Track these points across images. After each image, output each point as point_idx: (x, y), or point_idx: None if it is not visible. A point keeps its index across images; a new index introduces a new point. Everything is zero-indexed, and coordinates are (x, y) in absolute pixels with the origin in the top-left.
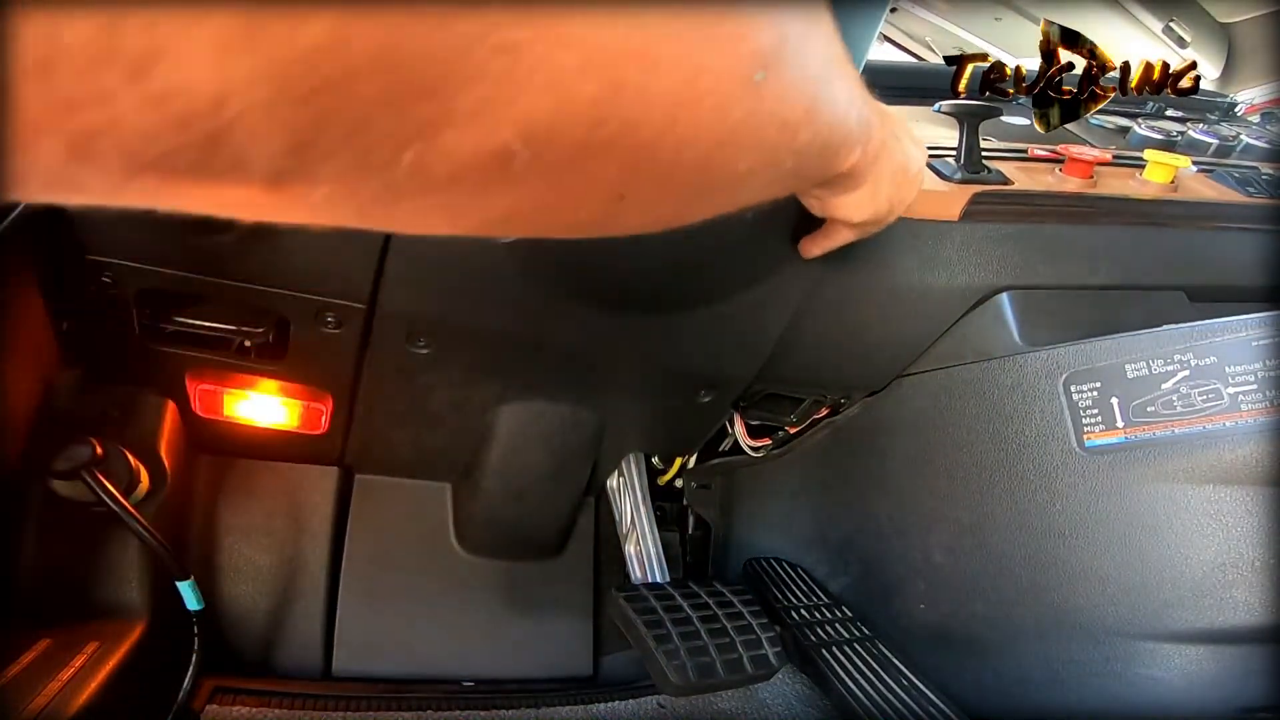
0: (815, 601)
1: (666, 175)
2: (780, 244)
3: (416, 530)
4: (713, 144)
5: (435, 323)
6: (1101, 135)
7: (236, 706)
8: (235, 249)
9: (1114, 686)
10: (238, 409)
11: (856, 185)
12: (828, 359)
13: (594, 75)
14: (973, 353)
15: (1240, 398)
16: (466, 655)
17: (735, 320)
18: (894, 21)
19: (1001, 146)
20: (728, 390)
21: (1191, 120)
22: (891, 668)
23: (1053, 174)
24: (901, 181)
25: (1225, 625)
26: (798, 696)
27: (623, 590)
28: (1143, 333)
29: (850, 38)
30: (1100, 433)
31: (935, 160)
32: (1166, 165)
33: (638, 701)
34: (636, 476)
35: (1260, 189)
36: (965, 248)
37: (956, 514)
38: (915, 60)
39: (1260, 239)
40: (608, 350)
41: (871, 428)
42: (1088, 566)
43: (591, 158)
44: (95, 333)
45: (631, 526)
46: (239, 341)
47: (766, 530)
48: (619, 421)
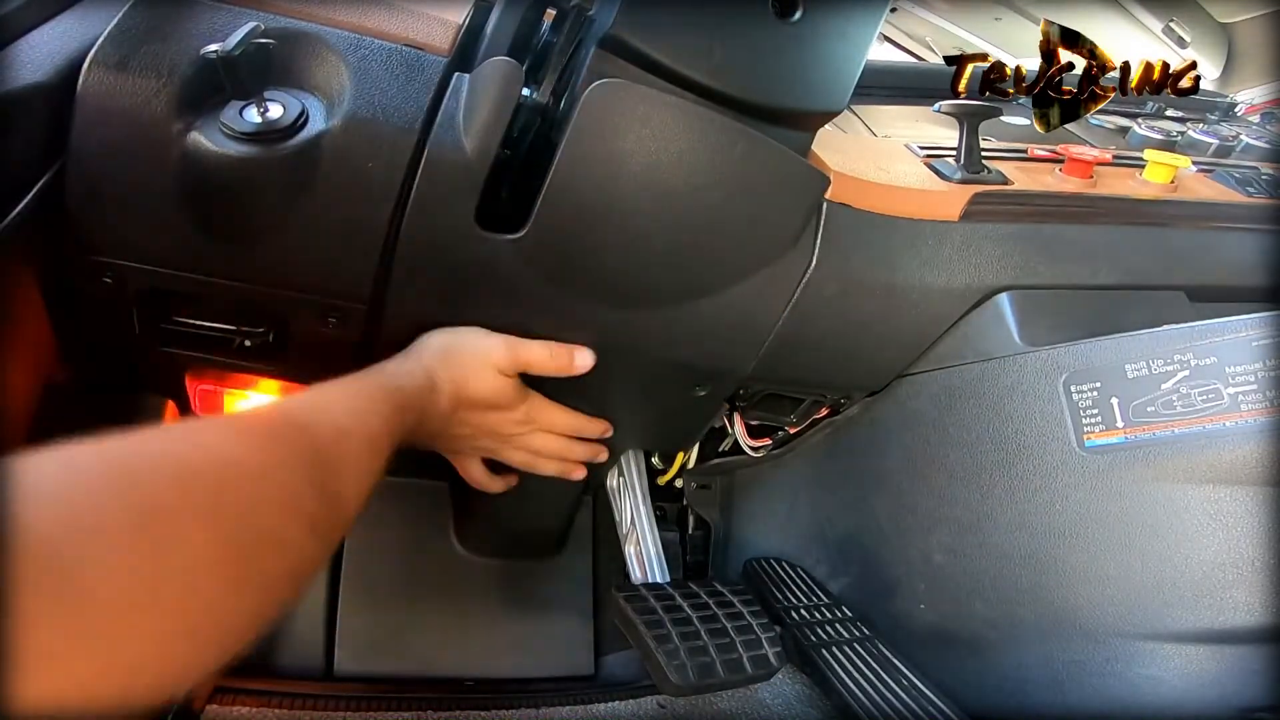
0: (815, 601)
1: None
2: (774, 233)
3: (416, 530)
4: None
5: (437, 322)
6: (1101, 135)
7: (237, 706)
8: (235, 249)
9: (1114, 686)
10: (238, 409)
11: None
12: (827, 358)
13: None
14: (973, 353)
15: (1240, 398)
16: (466, 655)
17: (732, 311)
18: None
19: (1001, 146)
20: (724, 383)
21: (1191, 120)
22: (891, 668)
23: (1053, 174)
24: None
25: (1225, 625)
26: (798, 696)
27: (623, 590)
28: (1143, 333)
29: (850, 38)
30: (1100, 433)
31: (935, 160)
32: (1166, 165)
33: (638, 701)
34: (636, 476)
35: (1260, 189)
36: (965, 248)
37: (956, 514)
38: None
39: (1260, 239)
40: (606, 345)
41: (871, 428)
42: (1088, 566)
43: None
44: (95, 333)
45: (631, 526)
46: (239, 341)
47: (766, 530)
48: (616, 417)
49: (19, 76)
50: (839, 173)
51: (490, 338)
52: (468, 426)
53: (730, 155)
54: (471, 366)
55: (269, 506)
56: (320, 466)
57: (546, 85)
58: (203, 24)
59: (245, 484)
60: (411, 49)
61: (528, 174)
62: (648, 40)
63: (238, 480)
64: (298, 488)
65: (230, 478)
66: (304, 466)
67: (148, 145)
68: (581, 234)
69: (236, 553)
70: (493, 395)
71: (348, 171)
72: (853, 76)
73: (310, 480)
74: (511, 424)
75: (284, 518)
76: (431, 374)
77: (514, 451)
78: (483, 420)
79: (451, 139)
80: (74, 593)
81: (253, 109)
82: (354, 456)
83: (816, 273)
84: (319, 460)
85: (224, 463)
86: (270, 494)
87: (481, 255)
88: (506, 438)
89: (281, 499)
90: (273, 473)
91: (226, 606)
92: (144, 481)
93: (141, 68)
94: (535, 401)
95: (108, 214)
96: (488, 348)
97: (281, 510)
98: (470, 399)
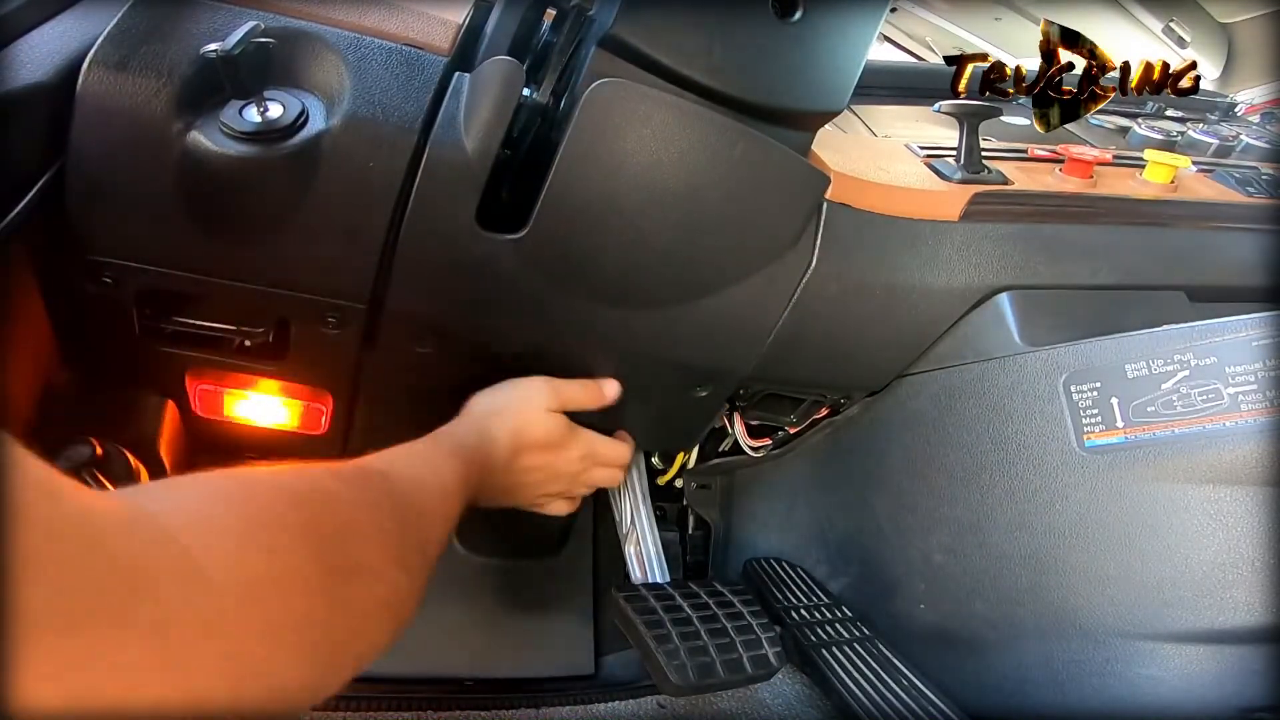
0: (815, 601)
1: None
2: (774, 232)
3: None
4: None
5: (438, 322)
6: (1101, 135)
7: None
8: (235, 249)
9: (1114, 686)
10: (238, 409)
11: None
12: (828, 359)
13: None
14: (973, 353)
15: (1240, 398)
16: (466, 655)
17: (733, 311)
18: (894, 21)
19: (1001, 146)
20: (724, 384)
21: (1191, 120)
22: (891, 668)
23: (1053, 174)
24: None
25: (1225, 625)
26: (798, 696)
27: (622, 590)
28: (1143, 333)
29: (850, 38)
30: (1100, 433)
31: (935, 160)
32: (1166, 165)
33: (638, 702)
34: (636, 476)
35: (1260, 189)
36: (965, 248)
37: (956, 514)
38: (915, 60)
39: (1260, 239)
40: (608, 346)
41: (871, 428)
42: (1088, 566)
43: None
44: (95, 333)
45: (631, 526)
46: (239, 341)
47: (766, 530)
48: (618, 418)
49: (19, 76)
50: (839, 173)
51: (531, 382)
52: (533, 473)
53: (730, 155)
54: (521, 412)
55: (361, 537)
56: (403, 508)
57: (547, 85)
58: (202, 23)
59: (342, 511)
60: (412, 48)
61: (528, 174)
62: (648, 40)
63: (335, 508)
64: (386, 524)
65: (328, 506)
66: (390, 507)
67: (148, 145)
68: (582, 234)
69: (332, 573)
70: (546, 435)
71: (348, 171)
72: (853, 76)
73: (395, 519)
74: (574, 461)
75: (375, 549)
76: (485, 428)
77: (583, 488)
78: (546, 464)
79: (452, 139)
80: (201, 581)
81: (252, 108)
82: (431, 503)
83: (816, 273)
84: (402, 503)
85: (323, 492)
86: (362, 526)
87: (482, 255)
88: (572, 477)
89: (371, 532)
90: (364, 508)
91: (321, 621)
92: (259, 496)
93: (141, 67)
94: (587, 436)
95: (108, 214)
96: (531, 391)
97: (372, 541)
98: (527, 443)
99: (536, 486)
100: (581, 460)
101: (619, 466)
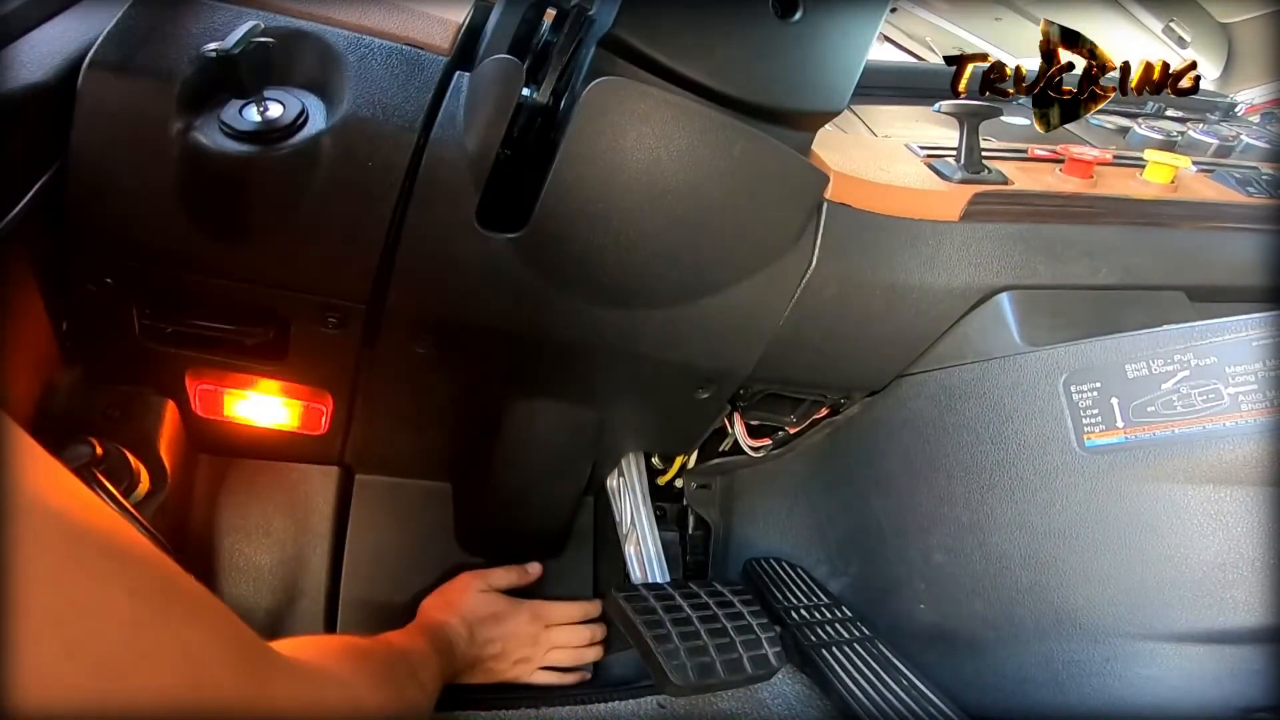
0: (815, 601)
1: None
2: (775, 232)
3: (416, 530)
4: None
5: (437, 322)
6: (1101, 135)
7: None
8: (235, 248)
9: (1114, 686)
10: (238, 409)
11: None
12: (828, 359)
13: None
14: (973, 353)
15: (1240, 398)
16: None
17: (733, 311)
18: (894, 21)
19: (1001, 146)
20: (725, 385)
21: (1191, 120)
22: (891, 668)
23: (1053, 174)
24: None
25: (1225, 625)
26: (798, 696)
27: (622, 590)
28: (1143, 333)
29: (850, 38)
30: (1100, 433)
31: (935, 160)
32: (1166, 165)
33: (638, 702)
34: (636, 476)
35: (1260, 189)
36: (965, 248)
37: (956, 514)
38: (915, 60)
39: (1260, 239)
40: (609, 347)
41: (871, 428)
42: (1088, 566)
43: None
44: (95, 333)
45: (631, 526)
46: (239, 341)
47: (766, 530)
48: (619, 419)
49: (19, 76)
50: (839, 173)
51: (462, 576)
52: (493, 644)
53: (730, 154)
54: (458, 593)
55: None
56: (396, 667)
57: (546, 85)
58: (203, 23)
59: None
60: (412, 48)
61: (528, 173)
62: (648, 40)
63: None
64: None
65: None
66: (384, 669)
67: (147, 145)
68: (582, 233)
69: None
70: (489, 608)
71: (348, 170)
72: (853, 77)
73: (391, 680)
74: (524, 624)
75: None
76: (437, 617)
77: (552, 652)
78: (501, 634)
79: (452, 138)
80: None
81: (252, 108)
82: (417, 664)
83: (817, 273)
84: (395, 663)
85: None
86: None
87: (482, 254)
88: (532, 638)
89: (390, 677)
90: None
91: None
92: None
93: (141, 67)
94: (534, 604)
95: (108, 214)
96: (464, 582)
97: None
98: (475, 619)
99: (504, 656)
100: (531, 622)
101: (571, 622)
